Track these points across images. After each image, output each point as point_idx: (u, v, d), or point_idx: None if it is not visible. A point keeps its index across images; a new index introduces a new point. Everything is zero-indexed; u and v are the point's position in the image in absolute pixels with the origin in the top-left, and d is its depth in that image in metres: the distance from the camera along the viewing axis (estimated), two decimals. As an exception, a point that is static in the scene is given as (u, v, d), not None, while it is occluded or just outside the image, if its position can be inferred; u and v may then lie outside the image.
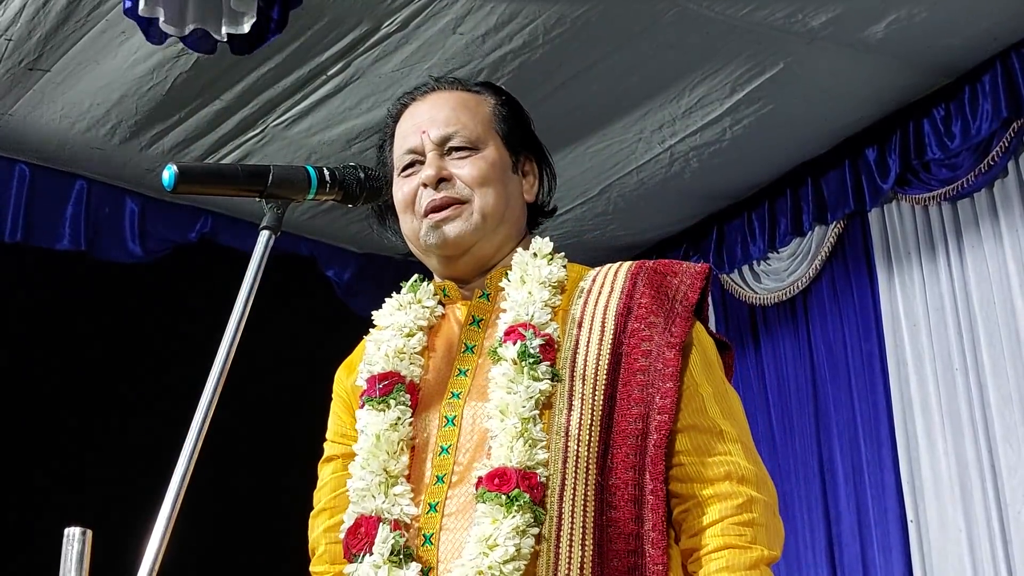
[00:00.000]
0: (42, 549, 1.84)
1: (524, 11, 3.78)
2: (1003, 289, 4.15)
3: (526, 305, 1.72)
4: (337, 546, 1.75)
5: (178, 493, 1.46)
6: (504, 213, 1.79)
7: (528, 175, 1.87)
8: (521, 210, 1.85)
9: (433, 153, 1.80)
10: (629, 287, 1.74)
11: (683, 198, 4.97)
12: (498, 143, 1.82)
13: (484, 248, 1.80)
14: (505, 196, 1.80)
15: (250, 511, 4.54)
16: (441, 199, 1.77)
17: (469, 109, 1.84)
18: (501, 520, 1.56)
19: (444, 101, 1.85)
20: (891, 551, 4.33)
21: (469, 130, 1.81)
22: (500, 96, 1.89)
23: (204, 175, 1.72)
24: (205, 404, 1.53)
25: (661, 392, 1.64)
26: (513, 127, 1.86)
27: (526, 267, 1.77)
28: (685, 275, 1.75)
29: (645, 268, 1.76)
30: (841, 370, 4.66)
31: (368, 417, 1.73)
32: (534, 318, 1.70)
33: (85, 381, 4.49)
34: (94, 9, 3.65)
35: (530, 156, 1.88)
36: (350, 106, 4.21)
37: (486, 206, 1.77)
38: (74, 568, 1.43)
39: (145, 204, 4.59)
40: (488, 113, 1.85)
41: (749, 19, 3.84)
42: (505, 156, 1.83)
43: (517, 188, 1.84)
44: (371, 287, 4.98)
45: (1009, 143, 4.10)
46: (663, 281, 1.73)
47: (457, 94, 1.86)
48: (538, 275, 1.75)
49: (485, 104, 1.86)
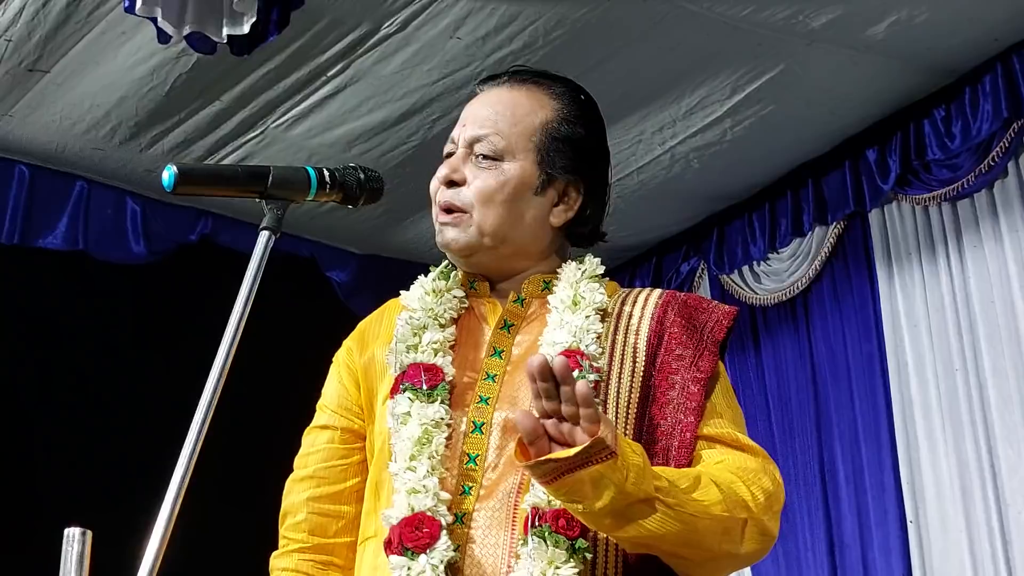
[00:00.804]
0: (42, 549, 1.84)
1: (524, 13, 3.78)
2: (1003, 290, 4.15)
3: (580, 332, 1.66)
4: (322, 518, 1.73)
5: (178, 493, 1.46)
6: (507, 234, 1.72)
7: (566, 199, 1.76)
8: (541, 232, 1.75)
9: (462, 152, 1.75)
10: (660, 315, 1.71)
11: (683, 199, 4.97)
12: (530, 160, 1.73)
13: (487, 260, 1.75)
14: (511, 218, 1.72)
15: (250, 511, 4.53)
16: (447, 202, 1.74)
17: (516, 115, 1.75)
18: (560, 565, 1.52)
19: (498, 99, 1.77)
20: (891, 552, 4.33)
21: (500, 139, 1.73)
22: (572, 104, 1.80)
23: (204, 176, 1.72)
24: (205, 404, 1.53)
25: (682, 426, 1.62)
26: (562, 146, 1.75)
27: (578, 286, 1.72)
28: (714, 312, 1.73)
29: (677, 300, 1.73)
30: (841, 371, 4.66)
31: (415, 408, 1.65)
32: (589, 348, 1.65)
33: (85, 381, 4.49)
34: (94, 10, 3.65)
35: (576, 181, 1.76)
36: (350, 108, 4.21)
37: (483, 224, 1.71)
38: (74, 568, 1.43)
39: (145, 205, 4.59)
40: (537, 124, 1.75)
41: (749, 20, 3.84)
42: (531, 175, 1.73)
43: (538, 211, 1.74)
44: (371, 288, 4.98)
45: (1009, 144, 4.10)
46: (693, 315, 1.71)
47: (517, 94, 1.78)
48: (592, 299, 1.70)
49: (542, 112, 1.77)
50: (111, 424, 4.49)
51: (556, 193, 1.75)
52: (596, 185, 1.79)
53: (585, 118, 1.80)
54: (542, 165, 1.74)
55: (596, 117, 1.84)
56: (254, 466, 4.58)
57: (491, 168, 1.73)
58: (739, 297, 5.00)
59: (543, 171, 1.74)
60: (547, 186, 1.74)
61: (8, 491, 4.22)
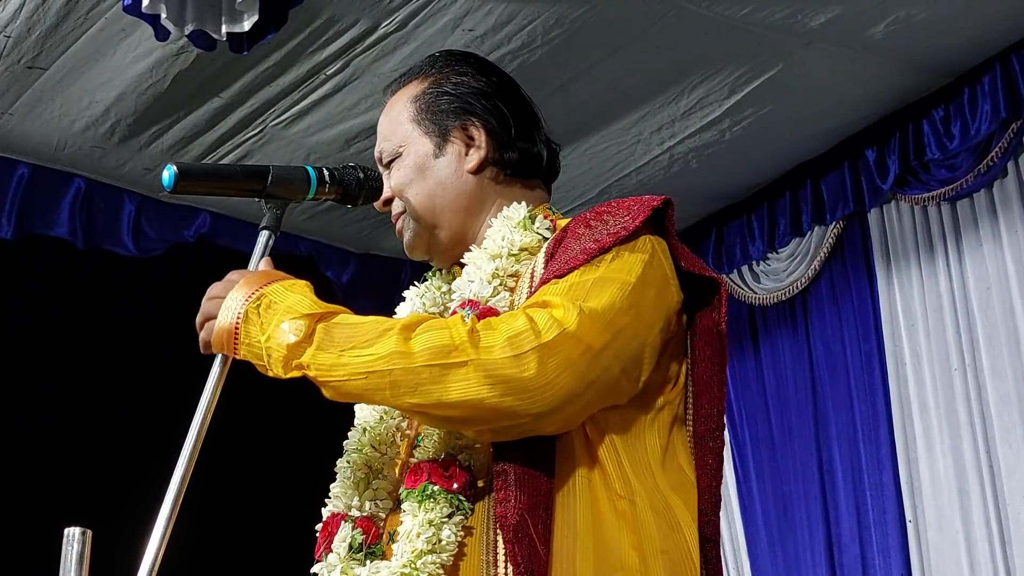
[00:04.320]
0: (42, 549, 1.84)
1: (523, 12, 3.78)
2: (1002, 290, 4.16)
3: (468, 282, 1.65)
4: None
5: (178, 493, 1.46)
6: (435, 204, 1.75)
7: (472, 143, 1.76)
8: (465, 186, 1.75)
9: (384, 174, 1.80)
10: (564, 230, 1.63)
11: (682, 199, 4.93)
12: (416, 134, 1.77)
13: (440, 241, 1.77)
14: (429, 188, 1.75)
15: (250, 512, 4.53)
16: (393, 217, 1.79)
17: (392, 115, 1.81)
18: (418, 515, 1.51)
19: (382, 116, 1.83)
20: (890, 552, 4.33)
21: (390, 141, 1.79)
22: (431, 70, 1.80)
23: (203, 175, 1.72)
24: (204, 404, 1.53)
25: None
26: (435, 104, 1.77)
27: (492, 236, 1.70)
28: (626, 208, 1.60)
29: (589, 210, 1.64)
30: (840, 370, 4.66)
31: (360, 410, 1.71)
32: (477, 294, 1.62)
33: (84, 381, 4.49)
34: (93, 7, 3.65)
35: (467, 120, 1.76)
36: (349, 105, 4.21)
37: (413, 209, 1.76)
38: (74, 568, 1.43)
39: (143, 203, 4.58)
40: (405, 108, 1.79)
41: (748, 20, 3.84)
42: (423, 144, 1.76)
43: (451, 168, 1.75)
44: (370, 287, 4.98)
45: (1008, 144, 4.10)
46: (597, 219, 1.60)
47: (390, 102, 1.83)
48: (492, 246, 1.68)
49: (406, 97, 1.80)
50: (111, 424, 4.49)
51: (459, 144, 1.76)
52: (496, 117, 1.77)
53: (450, 70, 1.81)
54: (428, 131, 1.77)
55: (461, 60, 1.83)
56: (254, 465, 4.59)
57: (397, 164, 1.77)
58: (738, 297, 5.00)
59: (431, 135, 1.76)
60: (444, 144, 1.76)
61: (8, 491, 4.21)
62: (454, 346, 1.43)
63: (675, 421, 1.61)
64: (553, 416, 1.44)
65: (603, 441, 1.53)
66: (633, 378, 1.52)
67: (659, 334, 1.55)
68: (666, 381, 1.61)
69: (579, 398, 1.45)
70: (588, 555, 1.47)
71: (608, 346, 1.47)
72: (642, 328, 1.52)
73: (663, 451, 1.57)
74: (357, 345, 1.46)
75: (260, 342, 1.49)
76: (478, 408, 1.43)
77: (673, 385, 1.62)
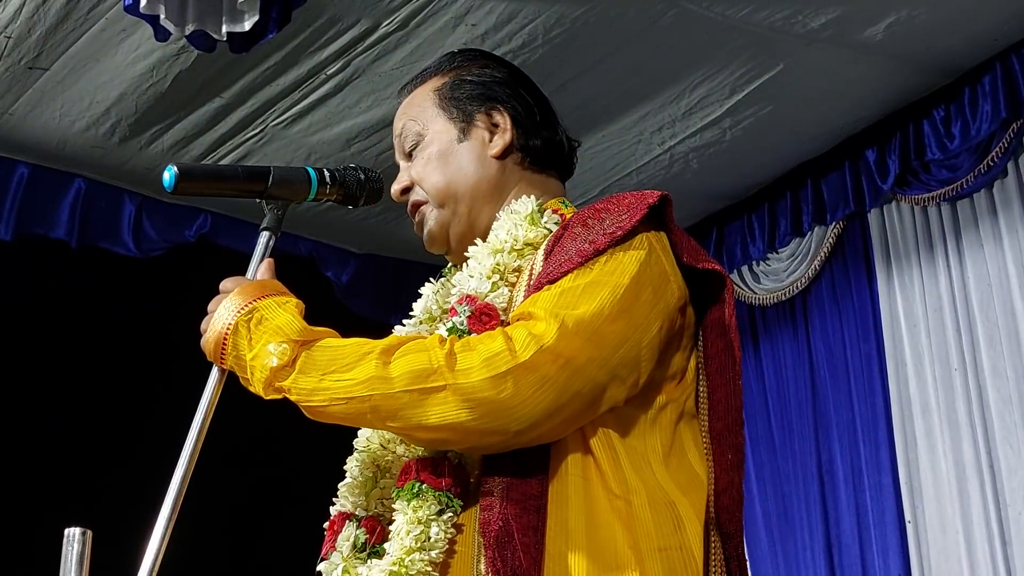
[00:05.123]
0: (42, 549, 1.84)
1: (524, 11, 3.78)
2: (1002, 290, 4.16)
3: (468, 277, 1.64)
4: None
5: (178, 493, 1.46)
6: (457, 190, 1.75)
7: (497, 129, 1.77)
8: (486, 171, 1.75)
9: (403, 164, 1.81)
10: (564, 227, 1.62)
11: (683, 199, 4.94)
12: (442, 119, 1.78)
13: (461, 229, 1.76)
14: (451, 170, 1.75)
15: (250, 512, 4.53)
16: (411, 205, 1.79)
17: (414, 105, 1.82)
18: (407, 513, 1.51)
19: (401, 109, 1.84)
20: (889, 552, 4.33)
21: (413, 127, 1.79)
22: (454, 63, 1.83)
23: (204, 176, 1.72)
24: (204, 404, 1.54)
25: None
26: (462, 91, 1.78)
27: (497, 230, 1.69)
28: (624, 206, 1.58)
29: (589, 207, 1.63)
30: (840, 371, 4.66)
31: None
32: (475, 289, 1.61)
33: (84, 381, 4.48)
34: (94, 7, 3.65)
35: (494, 106, 1.78)
36: (349, 105, 4.21)
37: (436, 193, 1.75)
38: (74, 568, 1.43)
39: (144, 203, 4.58)
40: (428, 98, 1.80)
41: (749, 20, 3.84)
42: (448, 130, 1.77)
43: (474, 152, 1.76)
44: (370, 288, 4.97)
45: (1009, 144, 4.10)
46: (595, 217, 1.59)
47: (410, 97, 1.84)
48: (495, 240, 1.67)
49: (429, 88, 1.81)
50: (112, 424, 4.49)
51: (484, 130, 1.77)
52: (521, 104, 1.79)
53: (470, 64, 1.83)
54: (452, 116, 1.78)
55: (482, 56, 1.87)
56: (254, 465, 4.59)
57: (419, 153, 1.78)
58: (738, 297, 5.00)
59: (457, 120, 1.77)
60: (469, 129, 1.77)
61: (8, 491, 4.21)
62: (432, 370, 1.44)
63: (681, 417, 1.60)
64: (532, 432, 1.45)
65: (600, 441, 1.52)
66: (628, 383, 1.52)
67: (657, 333, 1.54)
68: (669, 378, 1.60)
69: (559, 412, 1.45)
70: (582, 554, 1.47)
71: (593, 357, 1.47)
72: (635, 331, 1.52)
73: (667, 449, 1.56)
74: (338, 369, 1.47)
75: (246, 358, 1.51)
76: (457, 431, 1.45)
77: (679, 381, 1.61)
